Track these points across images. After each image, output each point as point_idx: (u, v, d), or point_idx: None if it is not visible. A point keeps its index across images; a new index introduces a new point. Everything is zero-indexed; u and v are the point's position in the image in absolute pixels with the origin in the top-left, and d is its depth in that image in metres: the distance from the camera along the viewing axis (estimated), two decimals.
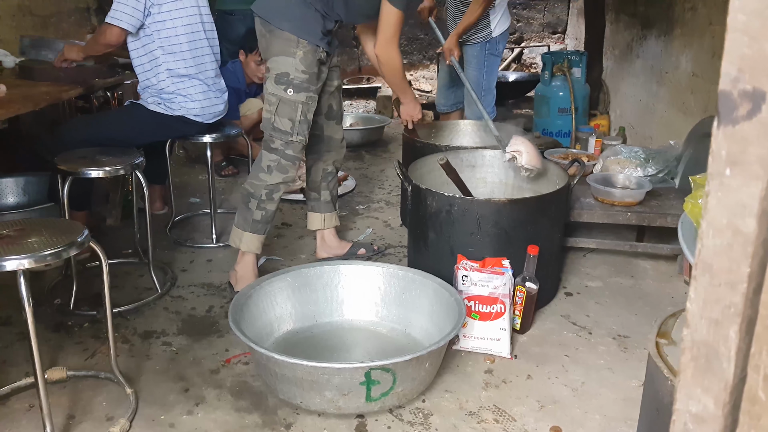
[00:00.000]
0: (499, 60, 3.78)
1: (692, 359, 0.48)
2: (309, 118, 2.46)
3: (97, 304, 2.46)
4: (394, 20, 2.38)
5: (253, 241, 2.55)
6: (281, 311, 2.24)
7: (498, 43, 3.66)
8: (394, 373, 1.80)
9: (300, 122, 2.43)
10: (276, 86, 2.40)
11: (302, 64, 2.37)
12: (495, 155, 2.83)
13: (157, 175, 3.25)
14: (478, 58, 3.68)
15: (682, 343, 0.50)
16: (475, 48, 3.67)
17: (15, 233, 1.69)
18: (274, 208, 2.54)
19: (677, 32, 3.66)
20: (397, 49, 2.48)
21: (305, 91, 2.40)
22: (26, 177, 3.09)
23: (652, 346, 1.44)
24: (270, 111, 2.44)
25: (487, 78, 3.68)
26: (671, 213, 2.73)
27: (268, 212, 2.52)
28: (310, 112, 2.45)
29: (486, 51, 3.65)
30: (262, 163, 2.49)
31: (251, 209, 2.51)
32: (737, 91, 0.44)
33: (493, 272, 2.17)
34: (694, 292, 0.49)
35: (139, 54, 2.76)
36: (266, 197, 2.50)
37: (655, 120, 3.96)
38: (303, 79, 2.39)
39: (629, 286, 2.72)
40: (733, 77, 0.44)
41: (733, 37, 0.44)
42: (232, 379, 2.07)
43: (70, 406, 1.93)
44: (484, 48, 3.65)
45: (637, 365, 2.14)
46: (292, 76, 2.38)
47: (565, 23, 7.15)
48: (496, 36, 3.63)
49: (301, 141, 2.47)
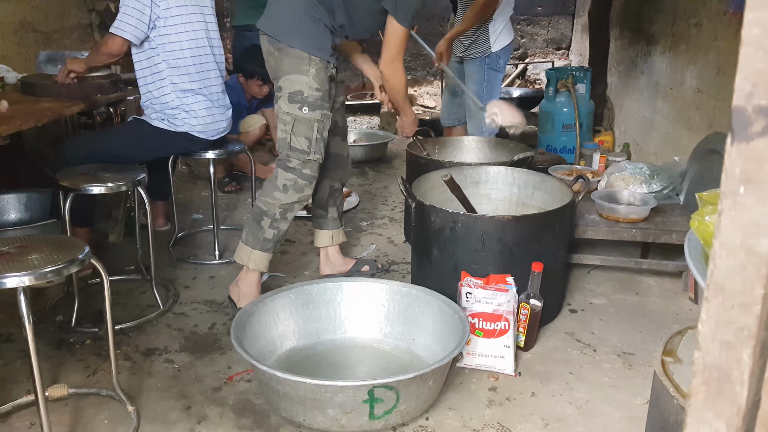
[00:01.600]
0: (500, 75, 3.76)
1: (704, 383, 0.47)
2: (325, 136, 2.44)
3: (99, 321, 2.44)
4: (399, 38, 2.38)
5: (262, 260, 2.51)
6: (284, 328, 2.22)
7: (499, 58, 3.65)
8: (398, 391, 1.78)
9: (317, 140, 2.40)
10: (290, 105, 2.36)
11: (315, 82, 2.34)
12: (499, 171, 2.82)
13: (159, 191, 3.25)
14: (478, 72, 3.69)
15: (694, 366, 0.49)
16: (475, 63, 3.69)
17: (16, 250, 1.68)
18: (286, 228, 2.50)
19: (682, 48, 3.67)
20: (401, 67, 2.48)
21: (320, 108, 2.37)
22: (28, 193, 3.09)
23: (658, 364, 1.42)
24: (285, 131, 2.40)
25: (487, 93, 3.67)
26: (676, 230, 2.71)
27: (281, 231, 2.48)
28: (325, 129, 2.43)
29: (486, 66, 3.66)
30: (277, 182, 2.44)
31: (263, 227, 2.46)
32: (752, 107, 0.43)
33: (497, 289, 2.15)
34: (706, 313, 0.48)
35: (142, 66, 2.76)
36: (280, 216, 2.45)
37: (660, 136, 3.95)
38: (317, 97, 2.36)
39: (634, 303, 2.69)
40: (747, 92, 0.43)
41: (747, 51, 0.43)
42: (235, 396, 2.05)
43: (71, 423, 1.91)
44: (483, 63, 3.66)
45: (642, 383, 2.11)
46: (306, 94, 2.35)
47: (570, 39, 7.18)
48: (496, 51, 3.62)
49: (318, 159, 2.43)
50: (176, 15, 2.70)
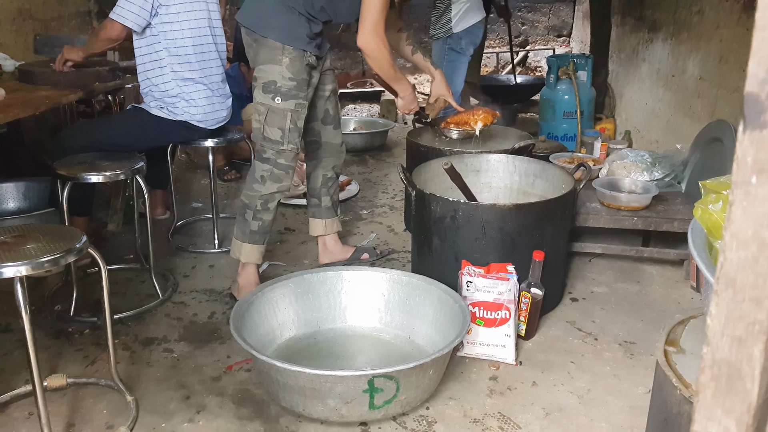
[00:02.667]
0: (463, 57, 3.72)
1: (713, 379, 0.46)
2: (299, 126, 2.42)
3: (97, 311, 2.43)
4: (376, 7, 2.26)
5: (253, 252, 2.51)
6: (283, 318, 2.21)
7: (460, 39, 3.64)
8: (398, 381, 1.78)
9: (290, 131, 2.38)
10: (264, 95, 2.36)
11: (289, 71, 2.32)
12: (500, 160, 2.80)
13: (158, 180, 3.23)
14: (439, 53, 3.72)
15: (702, 361, 0.47)
16: (438, 43, 3.72)
17: (13, 240, 1.67)
18: (270, 218, 2.50)
19: (684, 36, 3.63)
20: (381, 38, 2.31)
21: (294, 98, 2.35)
22: (27, 182, 3.07)
23: (660, 354, 1.40)
24: (259, 121, 2.40)
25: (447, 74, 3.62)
26: (678, 218, 2.69)
27: (265, 222, 2.49)
28: (300, 119, 2.41)
29: (446, 46, 3.66)
30: (255, 174, 2.45)
31: (248, 220, 2.48)
32: (765, 94, 0.41)
33: (498, 278, 2.14)
34: (716, 307, 0.46)
35: (143, 53, 2.74)
36: (261, 207, 2.46)
37: (661, 124, 3.93)
38: (291, 87, 2.34)
39: (635, 291, 2.68)
40: (761, 78, 0.41)
41: (761, 36, 0.41)
42: (234, 386, 2.05)
43: (69, 414, 1.91)
44: (445, 43, 3.67)
45: (643, 372, 2.11)
46: (279, 84, 2.33)
47: (571, 26, 7.13)
48: (457, 32, 3.61)
49: (293, 149, 2.42)
50: (179, 3, 2.67)
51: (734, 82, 2.94)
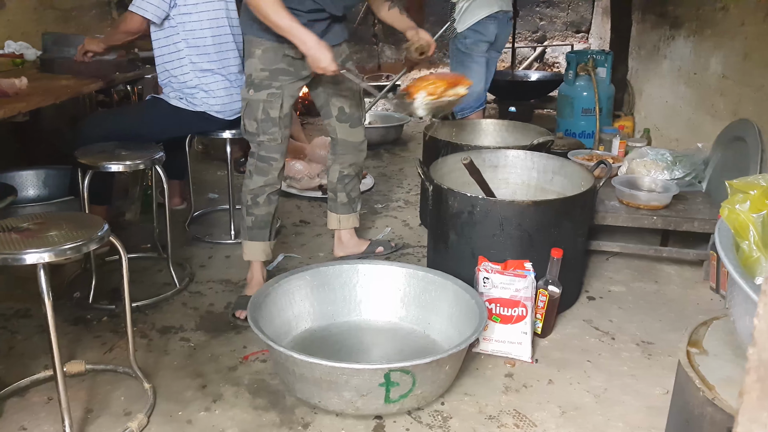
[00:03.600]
0: (471, 56, 3.60)
1: (758, 380, 0.45)
2: (275, 116, 2.35)
3: (115, 299, 2.45)
4: None
5: (254, 249, 2.48)
6: (299, 309, 2.21)
7: (465, 38, 3.55)
8: (414, 376, 1.77)
9: (263, 121, 2.34)
10: (244, 90, 2.38)
11: (260, 63, 2.30)
12: (518, 155, 2.79)
13: (176, 171, 3.24)
14: (450, 53, 3.69)
15: (747, 362, 0.46)
16: (451, 43, 3.66)
17: (35, 226, 1.68)
18: (263, 212, 2.45)
19: (707, 33, 3.58)
20: None
21: (266, 88, 2.33)
22: (47, 170, 3.09)
23: (683, 355, 1.39)
24: (241, 116, 2.42)
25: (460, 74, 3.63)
26: (698, 217, 2.67)
27: (258, 218, 2.44)
28: (273, 109, 2.34)
29: (454, 47, 3.63)
30: (246, 170, 2.46)
31: (244, 216, 2.47)
32: None
33: (515, 275, 2.13)
34: (763, 308, 0.45)
35: (161, 45, 2.75)
36: (252, 202, 2.43)
37: (682, 122, 3.88)
38: (263, 77, 2.31)
39: (653, 291, 2.66)
40: None
41: None
42: (250, 376, 2.05)
43: (88, 399, 1.92)
44: (453, 44, 3.64)
45: (661, 373, 2.09)
46: (254, 77, 2.32)
47: (589, 22, 7.06)
48: (462, 31, 3.55)
49: (270, 140, 2.38)
50: None
51: (758, 80, 2.90)
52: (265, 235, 2.47)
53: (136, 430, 1.77)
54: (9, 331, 2.28)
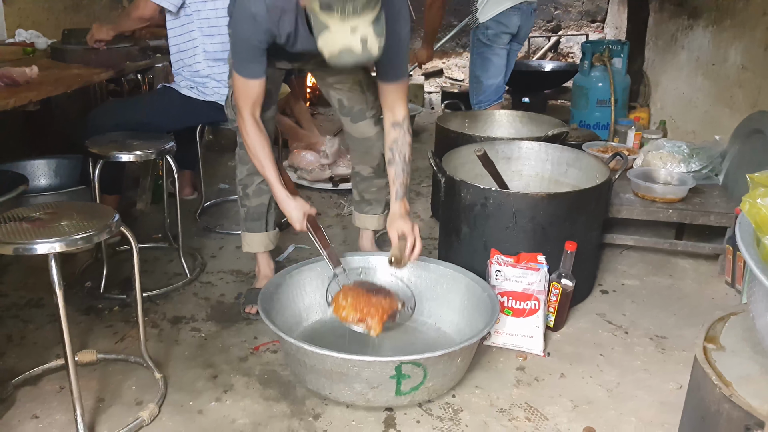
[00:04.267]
0: (492, 48, 3.53)
1: None
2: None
3: (126, 288, 2.46)
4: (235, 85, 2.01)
5: (251, 240, 2.42)
6: (310, 301, 2.21)
7: (487, 29, 3.48)
8: (425, 368, 1.76)
9: (233, 106, 2.19)
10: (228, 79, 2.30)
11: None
12: (532, 147, 2.75)
13: (187, 161, 3.24)
14: (471, 45, 3.63)
15: None
16: (471, 35, 3.61)
17: (47, 216, 1.68)
18: (255, 203, 2.36)
19: (727, 23, 3.52)
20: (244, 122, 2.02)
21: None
22: (57, 159, 3.10)
23: (700, 351, 1.37)
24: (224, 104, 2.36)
25: (478, 66, 3.56)
26: (715, 211, 2.63)
27: (251, 209, 2.37)
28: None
29: (475, 38, 3.57)
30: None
31: (239, 208, 2.42)
32: None
33: (527, 268, 2.11)
34: None
35: (176, 33, 2.73)
36: (242, 193, 2.37)
37: (699, 114, 3.83)
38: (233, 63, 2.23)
39: (667, 285, 2.63)
40: None
41: None
42: (261, 367, 2.05)
43: (99, 389, 1.93)
44: (474, 35, 3.57)
45: (675, 368, 2.06)
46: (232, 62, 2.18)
47: (605, 11, 6.96)
48: (484, 22, 3.49)
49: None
50: None
51: None
52: (260, 226, 2.40)
53: (148, 420, 1.77)
54: (21, 321, 2.29)
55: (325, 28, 1.59)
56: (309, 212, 2.09)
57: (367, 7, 1.55)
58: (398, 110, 2.07)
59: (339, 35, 1.58)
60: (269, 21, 1.81)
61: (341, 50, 1.61)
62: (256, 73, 1.94)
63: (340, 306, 1.98)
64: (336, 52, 1.61)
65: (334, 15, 1.56)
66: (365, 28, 1.58)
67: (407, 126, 2.07)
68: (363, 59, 1.63)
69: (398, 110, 2.07)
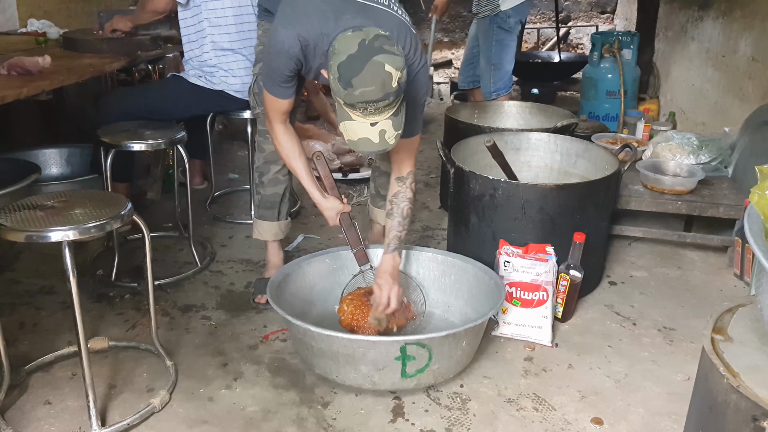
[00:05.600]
0: (512, 35, 3.61)
1: None
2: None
3: (137, 276, 2.48)
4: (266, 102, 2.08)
5: (261, 228, 2.44)
6: (319, 291, 2.22)
7: (509, 18, 3.52)
8: (430, 350, 1.78)
9: (257, 94, 2.32)
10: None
11: (259, 41, 2.38)
12: (541, 138, 2.75)
13: (197, 150, 3.25)
14: (487, 32, 3.61)
15: None
16: (485, 22, 3.61)
17: (60, 204, 1.70)
18: (269, 192, 2.38)
19: (737, 14, 3.49)
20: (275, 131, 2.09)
21: (259, 62, 2.34)
22: (69, 148, 3.12)
23: (708, 342, 1.37)
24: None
25: (496, 53, 3.58)
26: (724, 203, 2.62)
27: (265, 197, 2.40)
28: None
29: (495, 25, 3.56)
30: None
31: (253, 194, 2.47)
32: None
33: (536, 259, 2.12)
34: None
35: (187, 24, 2.75)
36: (258, 180, 2.40)
37: (709, 106, 3.80)
38: (258, 51, 2.37)
39: (676, 277, 2.63)
40: None
41: None
42: (270, 355, 2.07)
43: (111, 375, 1.95)
44: (493, 22, 3.56)
45: (683, 359, 2.07)
46: (256, 52, 2.40)
47: (615, 3, 6.92)
48: (505, 9, 3.49)
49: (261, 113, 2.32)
50: None
51: None
52: (272, 215, 2.43)
53: (159, 407, 1.80)
54: (34, 307, 2.32)
55: (347, 117, 1.67)
56: (342, 210, 2.15)
57: (388, 107, 1.62)
58: (405, 166, 2.11)
59: (359, 127, 1.66)
60: (301, 52, 1.87)
61: (360, 139, 1.69)
62: (286, 95, 2.00)
63: (342, 310, 2.07)
64: (355, 140, 1.70)
65: (356, 112, 1.63)
66: (385, 123, 1.66)
67: (410, 182, 2.10)
68: (380, 149, 1.71)
69: (405, 166, 2.11)
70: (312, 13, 1.83)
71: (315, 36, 1.82)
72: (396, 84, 1.60)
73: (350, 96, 1.60)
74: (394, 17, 1.89)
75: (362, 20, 1.78)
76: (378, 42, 1.62)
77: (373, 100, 1.59)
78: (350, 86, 1.59)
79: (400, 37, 1.86)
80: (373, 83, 1.58)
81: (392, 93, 1.60)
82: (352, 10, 1.82)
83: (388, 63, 1.59)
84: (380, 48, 1.61)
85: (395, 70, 1.60)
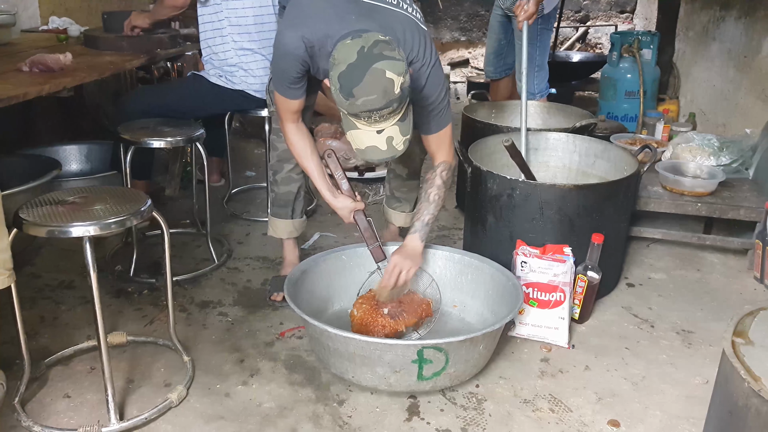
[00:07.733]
0: (551, 34, 3.69)
1: None
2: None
3: (156, 272, 2.50)
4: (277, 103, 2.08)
5: (275, 225, 2.44)
6: (335, 288, 2.23)
7: (550, 18, 3.55)
8: (447, 354, 1.77)
9: (271, 92, 2.26)
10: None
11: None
12: (560, 138, 2.73)
13: (215, 148, 3.27)
14: (531, 32, 3.55)
15: None
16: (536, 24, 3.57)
17: (81, 200, 1.72)
18: (283, 191, 2.38)
19: (760, 14, 3.45)
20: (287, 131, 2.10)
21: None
22: (89, 144, 3.15)
23: (728, 345, 1.36)
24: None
25: (540, 53, 3.56)
26: (744, 205, 2.59)
27: (279, 195, 2.40)
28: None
29: (539, 26, 3.53)
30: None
31: (268, 192, 2.45)
32: None
33: (553, 259, 2.10)
34: None
35: (205, 21, 2.76)
36: (272, 178, 2.41)
37: (730, 107, 3.76)
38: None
39: (695, 279, 2.60)
40: None
41: None
42: (287, 352, 2.08)
43: (129, 370, 1.97)
44: (536, 23, 3.52)
45: (701, 362, 2.05)
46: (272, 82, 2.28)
47: (635, 2, 6.86)
48: (548, 12, 3.49)
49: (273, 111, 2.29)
50: None
51: None
52: (286, 213, 2.42)
53: (176, 402, 1.81)
54: (54, 302, 2.35)
55: (353, 127, 1.66)
56: (355, 208, 2.14)
57: (393, 113, 1.61)
58: (438, 156, 2.11)
59: (366, 135, 1.66)
60: (306, 54, 1.86)
61: (367, 148, 1.68)
62: (295, 95, 2.00)
63: (352, 314, 2.08)
64: (362, 149, 1.69)
65: (361, 121, 1.62)
66: (391, 129, 1.65)
67: (440, 170, 2.08)
68: (388, 156, 1.70)
69: (438, 156, 2.11)
70: (316, 15, 1.82)
71: (320, 37, 1.81)
72: (398, 90, 1.58)
73: (353, 106, 1.59)
74: (402, 15, 1.87)
75: (366, 22, 1.76)
76: (377, 48, 1.60)
77: (376, 109, 1.58)
78: (352, 96, 1.58)
79: (407, 36, 1.84)
80: (374, 91, 1.57)
81: (395, 99, 1.59)
82: (357, 11, 1.81)
83: (388, 69, 1.57)
84: (380, 54, 1.59)
85: (397, 76, 1.58)
